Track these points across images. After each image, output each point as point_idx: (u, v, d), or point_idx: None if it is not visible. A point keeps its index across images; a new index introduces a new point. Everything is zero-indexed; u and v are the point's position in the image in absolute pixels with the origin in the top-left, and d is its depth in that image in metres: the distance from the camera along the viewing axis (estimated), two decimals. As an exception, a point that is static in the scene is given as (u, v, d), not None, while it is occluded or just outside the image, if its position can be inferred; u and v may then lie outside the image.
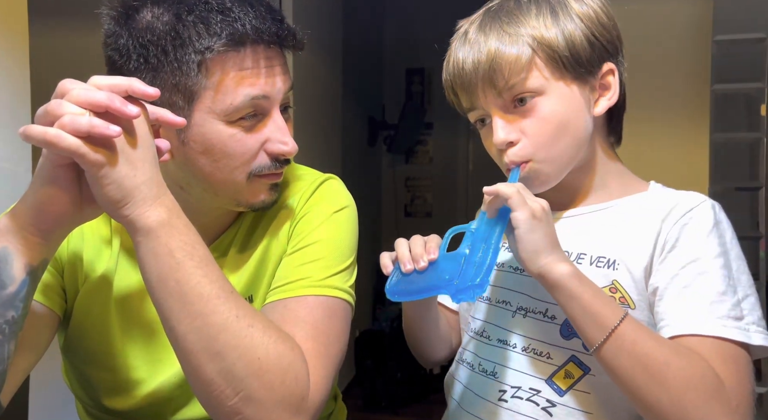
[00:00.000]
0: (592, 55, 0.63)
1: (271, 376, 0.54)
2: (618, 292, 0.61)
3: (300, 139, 0.68)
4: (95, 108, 0.51)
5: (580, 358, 0.62)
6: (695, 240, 0.60)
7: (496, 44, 0.62)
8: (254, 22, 0.60)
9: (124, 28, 0.60)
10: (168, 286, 0.53)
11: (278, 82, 0.63)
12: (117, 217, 0.54)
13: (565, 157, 0.64)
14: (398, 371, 2.66)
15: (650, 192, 0.67)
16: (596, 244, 0.64)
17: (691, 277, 0.58)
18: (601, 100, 0.65)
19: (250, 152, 0.63)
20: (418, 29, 3.43)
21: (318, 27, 2.13)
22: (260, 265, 0.69)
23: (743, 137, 1.91)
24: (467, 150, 3.51)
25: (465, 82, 0.64)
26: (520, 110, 0.63)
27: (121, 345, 0.69)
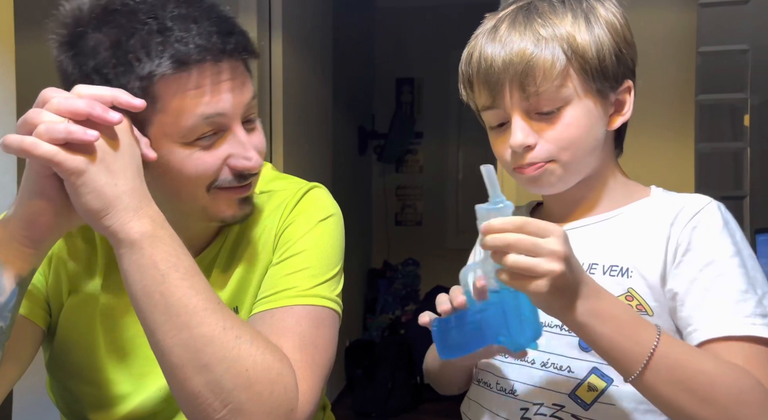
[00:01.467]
0: (617, 70, 0.63)
1: (259, 388, 0.54)
2: (635, 300, 0.60)
3: (290, 148, 0.68)
4: (75, 116, 0.51)
5: (601, 369, 0.61)
6: (708, 241, 0.59)
7: (531, 46, 0.60)
8: (197, 40, 0.56)
9: (69, 55, 0.58)
10: (153, 298, 0.53)
11: (232, 97, 0.60)
12: (99, 228, 0.53)
13: (581, 165, 0.64)
14: (389, 381, 2.65)
15: (653, 197, 0.67)
16: (607, 253, 0.63)
17: (710, 279, 0.58)
18: (617, 116, 0.65)
19: (210, 170, 0.61)
20: (408, 39, 3.46)
21: (308, 36, 2.14)
22: (245, 276, 0.69)
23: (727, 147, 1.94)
24: (457, 159, 3.53)
25: (492, 80, 0.62)
26: (544, 117, 0.62)
27: (105, 360, 0.68)
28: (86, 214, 0.53)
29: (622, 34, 0.63)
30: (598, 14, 0.63)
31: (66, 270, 0.68)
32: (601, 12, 0.63)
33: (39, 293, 0.67)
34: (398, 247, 3.53)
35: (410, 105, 3.55)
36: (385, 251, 3.57)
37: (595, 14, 0.63)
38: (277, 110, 1.91)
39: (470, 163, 3.59)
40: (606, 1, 0.65)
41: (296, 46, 2.00)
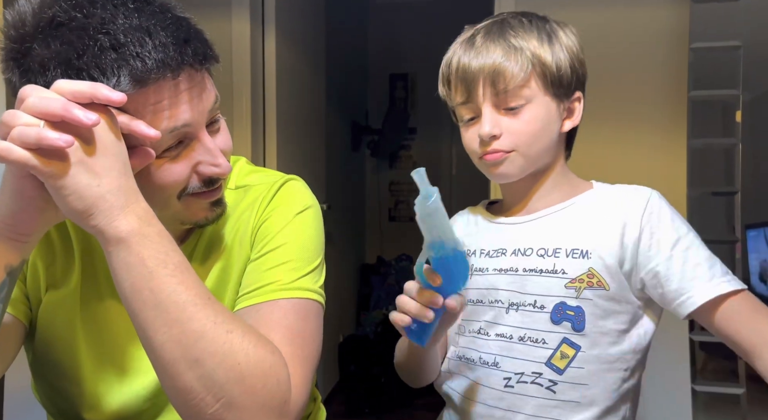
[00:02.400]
0: (570, 81, 0.75)
1: (252, 381, 0.54)
2: (594, 277, 0.71)
3: (284, 144, 0.67)
4: (49, 117, 0.49)
5: (571, 338, 0.72)
6: (667, 224, 0.72)
7: (502, 53, 0.72)
8: (153, 55, 0.53)
9: (17, 72, 0.55)
10: (142, 295, 0.52)
11: (194, 106, 0.58)
12: (86, 228, 0.53)
13: (537, 156, 0.75)
14: (382, 376, 2.66)
15: (597, 189, 0.78)
16: (568, 238, 0.74)
17: (682, 254, 0.70)
18: (567, 121, 0.77)
19: (180, 179, 0.60)
20: (401, 35, 3.45)
21: (302, 32, 2.13)
22: (223, 273, 0.68)
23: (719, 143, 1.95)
24: (450, 155, 3.53)
25: (468, 78, 0.73)
26: (509, 113, 0.73)
27: (87, 357, 0.67)
28: (71, 215, 0.52)
29: (576, 55, 0.76)
30: (559, 36, 0.75)
31: (43, 265, 0.67)
32: (561, 35, 0.75)
33: (19, 288, 0.66)
34: (392, 243, 3.53)
35: (404, 100, 3.54)
36: (378, 247, 3.57)
37: (557, 36, 0.75)
38: (271, 106, 1.90)
39: (464, 159, 3.57)
40: (565, 28, 0.77)
41: (289, 41, 1.99)
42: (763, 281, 2.25)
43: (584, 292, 0.71)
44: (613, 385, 0.72)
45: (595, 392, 0.71)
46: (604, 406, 0.72)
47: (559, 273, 0.72)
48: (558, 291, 0.72)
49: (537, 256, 0.74)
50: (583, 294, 0.71)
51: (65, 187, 0.50)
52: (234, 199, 0.71)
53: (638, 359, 0.74)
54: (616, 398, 0.72)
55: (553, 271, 0.72)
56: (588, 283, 0.71)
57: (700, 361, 1.99)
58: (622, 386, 0.73)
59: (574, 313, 0.71)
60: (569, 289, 0.71)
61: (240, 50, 1.79)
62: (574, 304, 0.71)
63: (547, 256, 0.73)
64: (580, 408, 0.71)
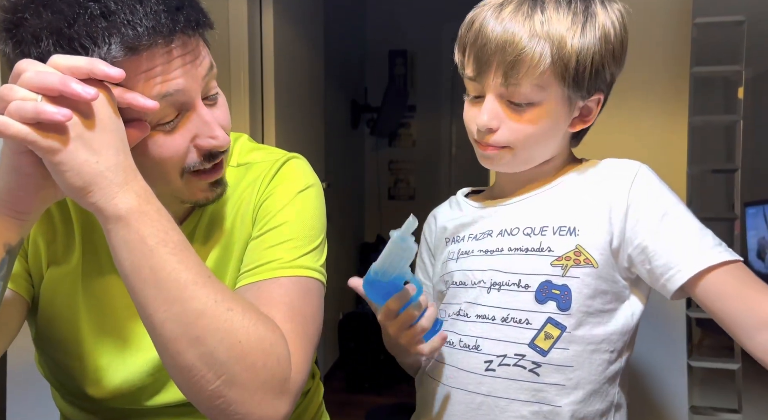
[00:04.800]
0: (592, 83, 0.69)
1: (253, 359, 0.54)
2: (582, 254, 0.68)
3: (282, 122, 0.67)
4: (47, 92, 0.49)
5: (556, 318, 0.68)
6: (655, 197, 0.68)
7: (525, 40, 0.65)
8: (145, 22, 0.53)
9: (10, 43, 0.54)
10: (142, 274, 0.52)
11: (189, 72, 0.57)
12: (85, 206, 0.52)
13: (536, 155, 0.73)
14: (381, 353, 2.69)
15: (584, 165, 0.76)
16: (555, 216, 0.71)
17: (671, 227, 0.67)
18: (579, 122, 0.72)
19: (178, 152, 0.59)
20: (401, 11, 3.39)
21: (299, 9, 2.10)
22: (225, 250, 0.68)
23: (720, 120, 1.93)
24: (450, 133, 3.51)
25: (482, 58, 0.68)
26: (514, 108, 0.69)
27: (89, 332, 0.68)
28: (69, 192, 0.52)
29: (611, 47, 0.68)
30: (598, 21, 0.67)
31: (44, 241, 0.67)
32: (601, 19, 0.67)
33: (21, 264, 0.67)
34: (391, 222, 3.51)
35: (403, 78, 3.50)
36: (377, 225, 3.58)
37: (595, 21, 0.67)
38: (269, 84, 1.88)
39: (463, 137, 3.55)
40: (610, 7, 0.68)
41: (287, 18, 1.95)
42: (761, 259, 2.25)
43: (571, 270, 0.68)
44: (599, 367, 0.69)
45: (581, 374, 0.68)
46: (589, 389, 0.68)
47: (545, 251, 0.69)
48: (543, 269, 0.69)
49: (523, 234, 0.71)
50: (570, 272, 0.68)
51: (63, 163, 0.50)
52: (235, 177, 0.71)
53: (625, 341, 0.71)
54: (602, 381, 0.69)
55: (539, 249, 0.69)
56: (575, 261, 0.68)
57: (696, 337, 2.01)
58: (609, 368, 0.70)
59: (559, 291, 0.68)
60: (555, 267, 0.68)
61: (237, 27, 1.76)
62: (560, 283, 0.68)
63: (534, 234, 0.71)
64: (565, 391, 0.68)
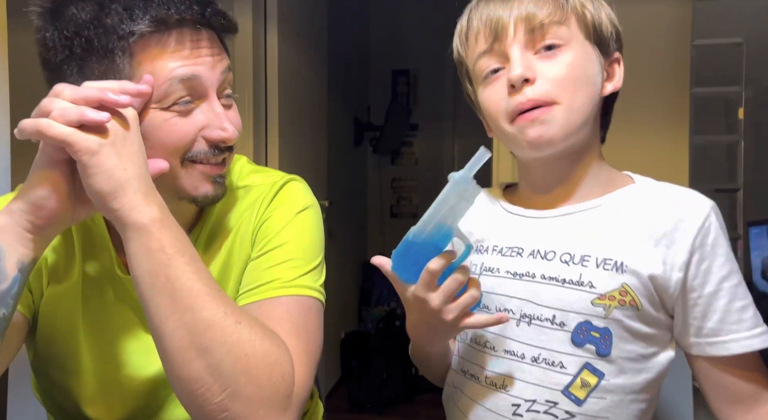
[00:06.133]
0: (610, 38, 0.66)
1: (258, 373, 0.54)
2: (628, 295, 0.61)
3: (286, 140, 0.68)
4: (88, 102, 0.53)
5: (593, 364, 0.61)
6: (721, 253, 0.61)
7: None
8: (177, 5, 0.59)
9: (50, 22, 0.59)
10: (158, 281, 0.53)
11: (209, 62, 0.61)
12: (107, 211, 0.54)
13: (581, 114, 0.62)
14: (383, 372, 2.66)
15: (639, 185, 0.66)
16: (599, 244, 0.62)
17: (729, 292, 0.61)
18: (607, 83, 0.66)
19: (186, 138, 0.61)
20: (404, 31, 3.44)
21: (304, 28, 2.13)
22: (224, 272, 0.69)
23: (722, 140, 1.95)
24: (452, 151, 3.52)
25: (493, 18, 0.63)
26: (544, 55, 0.62)
27: (88, 351, 0.68)
28: (96, 196, 0.54)
29: (614, 19, 0.67)
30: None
31: (45, 258, 0.68)
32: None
33: None
34: (394, 240, 3.51)
35: (406, 97, 3.53)
36: (380, 243, 3.57)
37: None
38: (273, 101, 1.90)
39: (466, 156, 3.57)
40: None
41: (291, 37, 1.98)
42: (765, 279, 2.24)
43: (614, 311, 0.60)
44: (634, 417, 0.63)
45: None
46: None
47: (585, 286, 0.61)
48: (583, 307, 0.61)
49: (560, 262, 0.63)
50: (613, 314, 0.60)
51: (97, 166, 0.53)
52: (234, 199, 0.71)
53: (658, 388, 0.65)
54: None
55: (578, 282, 0.61)
56: (620, 302, 0.60)
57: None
58: (642, 418, 0.63)
59: (599, 335, 0.61)
60: (597, 306, 0.61)
61: (242, 46, 1.79)
62: (601, 325, 0.60)
63: (573, 263, 0.62)
64: None
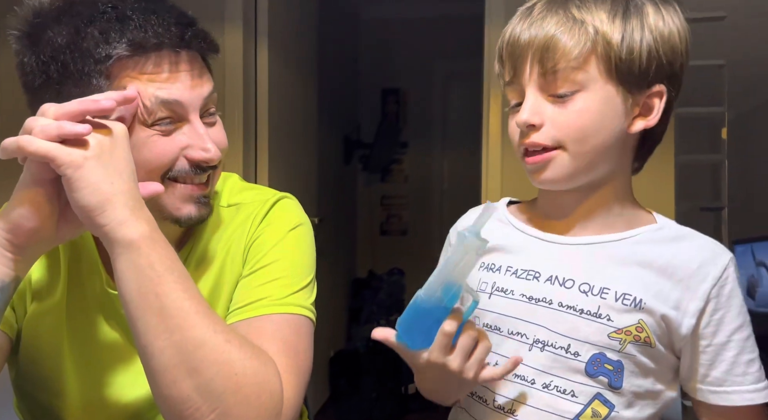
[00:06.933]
0: (647, 69, 0.60)
1: (247, 392, 0.54)
2: (644, 332, 0.61)
3: (275, 157, 0.68)
4: (71, 116, 0.52)
5: (605, 395, 0.62)
6: (735, 304, 0.62)
7: (558, 25, 0.60)
8: (155, 28, 0.59)
9: (28, 46, 0.60)
10: (148, 299, 0.52)
11: (191, 87, 0.61)
12: (94, 227, 0.53)
13: (591, 159, 0.61)
14: (373, 391, 2.63)
15: (662, 224, 0.66)
16: (620, 279, 0.62)
17: (739, 345, 0.62)
18: (639, 120, 0.62)
19: (167, 156, 0.61)
20: (393, 50, 3.48)
21: (294, 46, 2.15)
22: (215, 290, 0.68)
23: (706, 159, 1.98)
24: (442, 169, 3.55)
25: (515, 53, 0.62)
26: (558, 101, 0.60)
27: (72, 369, 0.67)
28: (82, 211, 0.53)
29: (665, 38, 0.61)
30: (645, 12, 0.61)
31: (28, 277, 0.67)
32: (648, 11, 0.61)
33: None
34: (383, 257, 3.52)
35: (395, 115, 3.56)
36: (370, 261, 3.56)
37: (641, 12, 0.60)
38: (263, 119, 1.90)
39: (455, 173, 3.61)
40: (663, 4, 0.62)
41: (282, 55, 2.00)
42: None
43: (629, 346, 0.61)
44: None
45: None
46: None
47: (603, 318, 0.61)
48: (599, 340, 0.61)
49: (579, 291, 0.62)
50: (627, 348, 0.61)
51: (82, 179, 0.51)
52: (226, 217, 0.71)
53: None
54: None
55: (596, 314, 0.61)
56: (635, 337, 0.61)
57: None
58: None
59: (612, 367, 0.61)
60: (613, 340, 0.61)
61: (232, 64, 1.80)
62: (614, 358, 0.61)
63: (592, 294, 0.62)
64: None
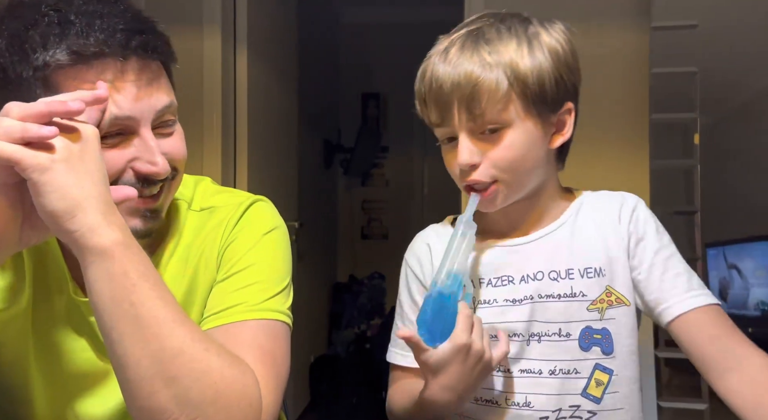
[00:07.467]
0: (556, 95, 0.68)
1: (226, 401, 0.53)
2: (613, 294, 0.69)
3: (255, 162, 0.67)
4: (37, 119, 0.50)
5: (602, 363, 0.68)
6: (651, 231, 0.71)
7: (477, 71, 0.65)
8: (98, 35, 0.55)
9: None
10: (122, 308, 0.51)
11: (136, 97, 0.57)
12: (62, 233, 0.51)
13: (524, 181, 0.69)
14: (354, 397, 2.63)
15: (586, 196, 0.75)
16: (577, 256, 0.70)
17: (663, 263, 0.69)
18: (558, 136, 0.70)
19: (113, 168, 0.58)
20: (373, 55, 3.49)
21: (273, 50, 2.14)
22: (188, 295, 0.67)
23: (679, 164, 2.02)
24: (422, 173, 3.56)
25: (441, 101, 0.67)
26: (488, 137, 0.67)
27: (39, 378, 0.65)
28: (49, 216, 0.50)
29: (563, 60, 0.68)
30: (542, 40, 0.67)
31: None
32: (545, 38, 0.67)
33: None
34: (364, 261, 3.52)
35: (376, 119, 3.57)
36: (350, 265, 3.56)
37: (539, 40, 0.67)
38: (242, 122, 1.89)
39: (436, 177, 3.63)
40: (551, 28, 0.69)
41: (261, 60, 1.99)
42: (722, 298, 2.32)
43: (606, 312, 0.68)
44: (639, 402, 0.70)
45: (632, 414, 0.69)
46: None
47: (578, 296, 0.68)
48: (581, 315, 0.68)
49: (549, 279, 0.69)
50: (606, 314, 0.68)
51: (49, 184, 0.49)
52: (199, 221, 0.70)
53: None
54: (641, 417, 0.71)
55: (572, 294, 0.68)
56: (608, 303, 0.68)
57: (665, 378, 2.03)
58: (641, 402, 0.71)
59: (601, 336, 0.68)
60: (592, 311, 0.68)
61: (210, 67, 1.79)
62: (599, 327, 0.68)
63: (561, 278, 0.69)
64: None
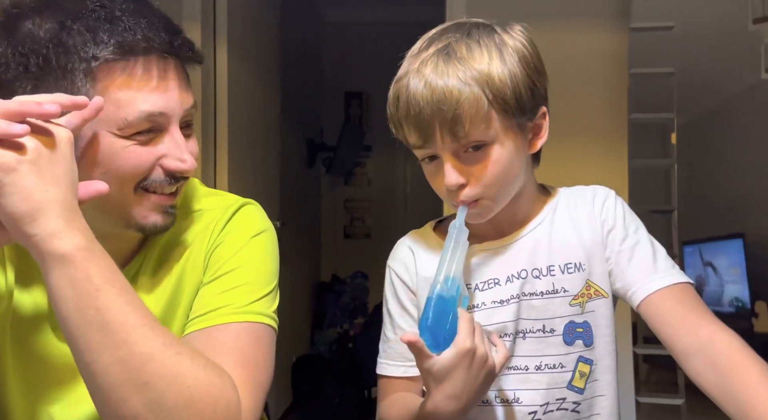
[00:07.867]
0: (532, 102, 0.68)
1: (201, 405, 0.52)
2: (591, 288, 0.71)
3: (236, 160, 0.66)
4: (9, 117, 0.49)
5: (584, 355, 0.71)
6: (620, 221, 0.72)
7: (456, 94, 0.64)
8: (145, 32, 0.57)
9: (2, 37, 0.57)
10: (87, 315, 0.50)
11: (176, 96, 0.60)
12: (21, 237, 0.50)
13: (510, 192, 0.71)
14: (336, 397, 2.62)
15: (561, 194, 0.76)
16: (556, 253, 0.72)
17: (630, 250, 0.71)
18: (537, 140, 0.71)
19: (144, 165, 0.60)
20: (355, 54, 3.49)
21: (255, 48, 2.12)
22: (173, 297, 0.66)
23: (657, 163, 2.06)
24: (405, 172, 3.57)
25: (422, 125, 0.66)
26: (472, 155, 0.67)
27: (16, 382, 0.64)
28: (8, 218, 0.49)
29: (533, 65, 0.68)
30: (510, 48, 0.67)
31: None
32: (510, 43, 0.67)
33: None
34: (347, 261, 3.51)
35: (359, 118, 3.57)
36: (333, 265, 3.55)
37: (507, 49, 0.67)
38: (222, 121, 1.87)
39: (418, 177, 3.63)
40: (513, 32, 0.69)
41: (242, 56, 1.97)
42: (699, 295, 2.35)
43: (587, 305, 0.71)
44: (615, 388, 0.73)
45: (611, 401, 0.72)
46: (615, 410, 0.73)
47: (560, 292, 0.70)
48: (564, 311, 0.70)
49: (533, 277, 0.71)
50: (587, 307, 0.71)
51: (13, 184, 0.48)
52: (187, 223, 0.69)
53: None
54: (617, 402, 0.74)
55: (554, 291, 0.70)
56: (588, 296, 0.71)
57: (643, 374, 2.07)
58: (617, 390, 0.74)
59: (582, 329, 0.70)
60: (574, 306, 0.70)
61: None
62: (581, 321, 0.70)
63: (543, 275, 0.71)
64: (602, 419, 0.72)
